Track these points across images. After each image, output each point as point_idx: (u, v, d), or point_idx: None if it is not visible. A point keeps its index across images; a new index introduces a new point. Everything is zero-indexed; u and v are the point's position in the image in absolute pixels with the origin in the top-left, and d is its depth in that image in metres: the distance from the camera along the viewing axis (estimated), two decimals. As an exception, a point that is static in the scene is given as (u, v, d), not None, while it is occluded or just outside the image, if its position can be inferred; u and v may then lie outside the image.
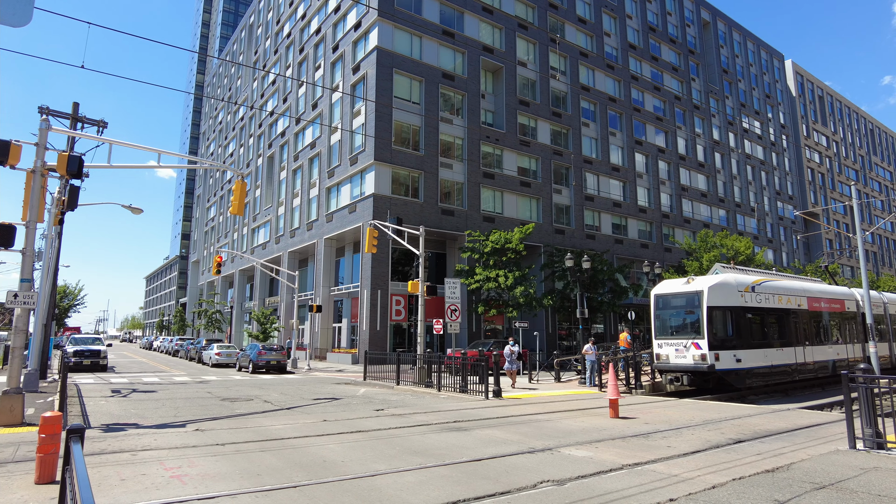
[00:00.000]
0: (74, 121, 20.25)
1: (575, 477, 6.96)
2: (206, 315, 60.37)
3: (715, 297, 18.08)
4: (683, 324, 18.79)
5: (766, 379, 19.10)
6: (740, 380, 18.03)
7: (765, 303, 19.61)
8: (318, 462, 7.76)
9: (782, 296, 20.63)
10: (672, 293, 19.49)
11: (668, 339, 18.94)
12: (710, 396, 17.71)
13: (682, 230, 52.81)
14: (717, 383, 18.34)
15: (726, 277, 18.88)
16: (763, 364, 18.84)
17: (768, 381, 19.31)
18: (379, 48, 35.67)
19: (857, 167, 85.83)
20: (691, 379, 18.42)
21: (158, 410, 13.41)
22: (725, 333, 18.20)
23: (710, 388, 18.48)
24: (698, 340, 17.84)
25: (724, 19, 66.34)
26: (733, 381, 18.03)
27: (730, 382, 18.05)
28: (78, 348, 28.79)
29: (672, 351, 18.59)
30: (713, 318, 17.96)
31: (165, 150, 15.13)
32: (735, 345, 18.01)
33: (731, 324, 18.31)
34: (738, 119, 63.83)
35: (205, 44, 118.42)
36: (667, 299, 19.62)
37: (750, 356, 18.29)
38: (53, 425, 6.42)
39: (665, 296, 19.71)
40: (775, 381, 19.68)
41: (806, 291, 22.23)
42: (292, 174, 47.54)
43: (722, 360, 17.59)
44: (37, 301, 15.42)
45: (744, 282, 19.21)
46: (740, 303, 18.51)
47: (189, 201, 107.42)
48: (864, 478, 6.81)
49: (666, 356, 18.87)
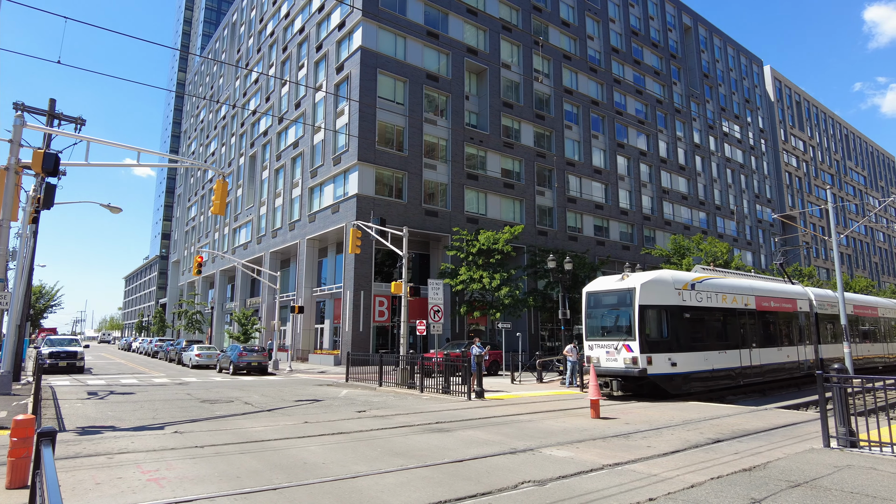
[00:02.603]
0: (51, 117, 19.85)
1: (556, 477, 6.99)
2: (186, 316, 59.58)
3: (648, 295, 16.54)
4: (615, 324, 17.30)
5: (707, 384, 17.52)
6: (676, 385, 16.43)
7: (706, 302, 18.12)
8: (298, 464, 7.70)
9: (727, 294, 19.15)
10: (604, 291, 17.93)
11: (599, 340, 17.45)
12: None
13: (664, 232, 53.41)
14: (652, 389, 16.87)
15: (661, 274, 17.50)
16: (703, 368, 17.33)
17: (710, 386, 17.67)
18: (363, 48, 35.54)
19: (832, 171, 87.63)
20: (621, 384, 16.90)
21: (136, 413, 13.20)
22: (660, 335, 16.74)
23: (644, 394, 17.14)
24: (629, 342, 16.34)
25: (705, 24, 67.30)
26: (668, 387, 16.46)
27: (664, 388, 16.51)
28: (54, 349, 28.18)
29: (603, 353, 17.09)
30: (646, 318, 16.49)
31: (145, 148, 14.92)
32: (671, 347, 16.51)
33: (667, 324, 16.78)
34: (718, 123, 64.78)
35: (187, 41, 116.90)
36: (598, 297, 18.07)
37: (688, 360, 16.85)
38: (25, 429, 6.27)
39: (596, 293, 18.15)
40: (719, 386, 18.14)
41: (754, 290, 20.70)
42: (275, 174, 47.14)
43: (655, 364, 16.05)
44: (10, 301, 15.10)
45: (682, 279, 17.77)
46: (677, 301, 17.00)
47: (169, 200, 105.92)
48: (837, 475, 6.94)
49: (597, 359, 17.26)
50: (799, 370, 21.86)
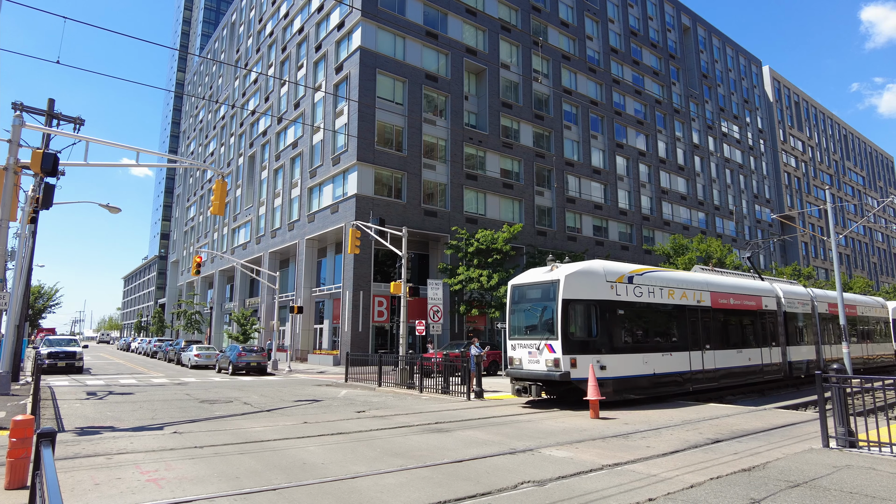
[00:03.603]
0: (50, 117, 19.84)
1: (555, 477, 6.99)
2: (185, 316, 59.54)
3: (574, 288, 14.52)
4: (539, 321, 15.19)
5: (647, 391, 15.52)
6: (606, 391, 14.26)
7: (648, 297, 16.10)
8: (297, 464, 7.70)
9: (674, 289, 17.12)
10: (528, 283, 15.94)
11: (522, 339, 15.43)
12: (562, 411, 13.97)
13: (663, 232, 53.44)
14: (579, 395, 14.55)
15: (591, 265, 15.44)
16: (642, 372, 15.31)
17: (651, 393, 15.65)
18: (362, 48, 35.53)
19: (831, 172, 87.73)
20: (540, 389, 14.89)
21: (135, 413, 13.19)
22: (587, 333, 14.66)
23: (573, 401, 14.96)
24: (552, 342, 14.31)
25: (704, 25, 67.35)
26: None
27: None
28: (52, 350, 28.15)
29: (525, 354, 15.06)
30: (570, 314, 14.38)
31: (144, 148, 14.91)
32: (600, 348, 14.47)
33: (597, 321, 14.65)
34: (717, 123, 64.83)
35: (186, 41, 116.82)
36: (523, 291, 16.01)
37: (621, 363, 14.86)
38: (24, 429, 6.27)
39: (521, 287, 16.11)
40: (662, 393, 16.04)
41: (709, 285, 18.69)
42: (274, 174, 47.11)
43: (580, 367, 13.99)
44: (9, 301, 15.08)
45: (616, 270, 15.67)
46: (610, 296, 14.97)
47: (168, 200, 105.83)
48: (836, 476, 6.95)
49: (519, 360, 15.25)
50: (762, 374, 19.91)
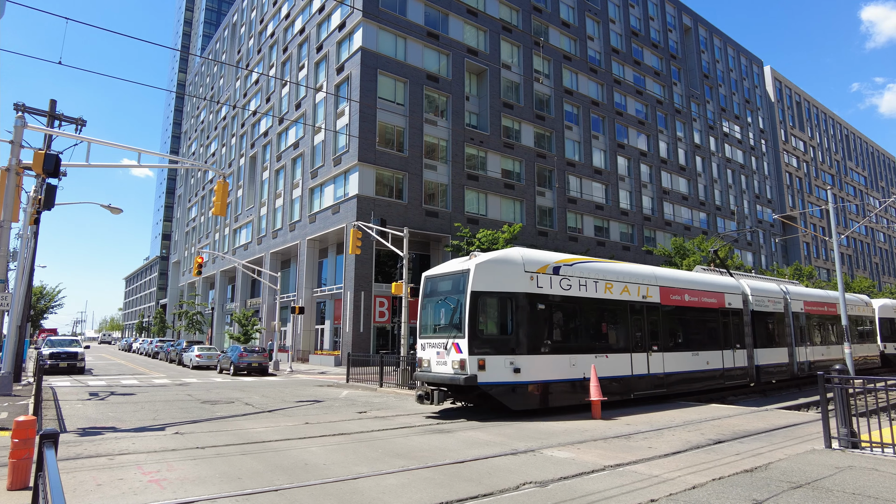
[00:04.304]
0: (52, 118, 19.87)
1: (557, 478, 6.99)
2: (186, 316, 59.59)
3: (485, 279, 12.82)
4: (449, 317, 13.48)
5: (577, 396, 13.42)
6: (521, 399, 12.54)
7: (578, 291, 14.12)
8: (299, 465, 7.70)
9: (612, 283, 15.05)
10: (440, 274, 14.22)
11: (431, 337, 13.69)
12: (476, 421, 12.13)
13: (664, 233, 53.40)
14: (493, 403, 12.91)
15: (508, 253, 13.63)
16: (568, 377, 13.34)
17: (579, 399, 13.42)
18: (363, 49, 35.55)
19: (832, 172, 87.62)
20: (444, 395, 13.05)
21: (137, 413, 13.20)
22: (500, 331, 12.92)
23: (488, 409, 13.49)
24: (458, 340, 12.63)
25: (705, 25, 67.31)
26: (509, 401, 12.48)
27: (504, 403, 12.53)
28: (54, 350, 28.20)
29: (434, 354, 13.33)
30: (480, 309, 12.73)
31: (146, 149, 14.94)
32: (515, 348, 12.65)
33: (512, 317, 12.87)
34: (718, 123, 64.78)
35: (187, 42, 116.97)
36: (434, 283, 14.28)
37: (542, 365, 12.97)
38: (27, 430, 6.27)
39: (433, 278, 14.39)
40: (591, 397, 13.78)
41: (658, 279, 16.62)
42: (275, 174, 47.15)
43: (490, 370, 12.30)
44: (11, 302, 15.10)
45: (539, 260, 13.70)
46: (529, 288, 13.07)
47: (170, 201, 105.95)
48: (839, 476, 6.94)
49: (427, 362, 13.56)
50: (723, 380, 18.02)
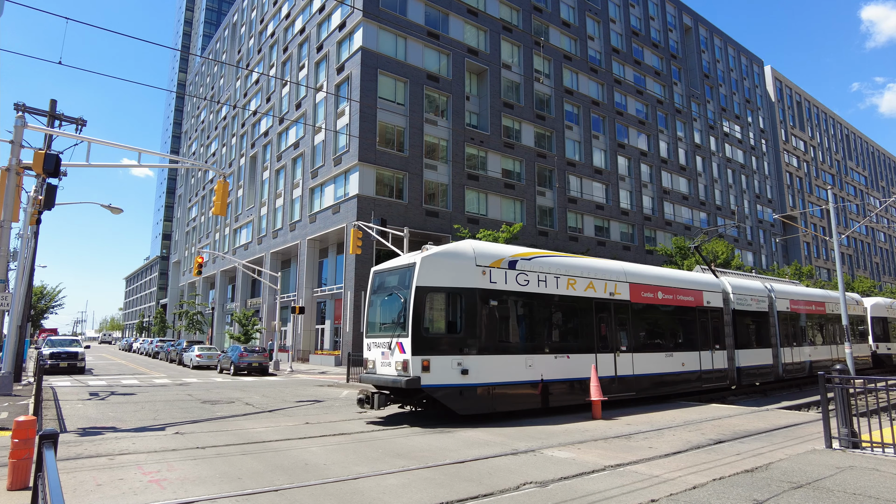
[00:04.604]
0: (52, 118, 19.88)
1: (558, 478, 6.98)
2: (187, 316, 59.60)
3: (432, 274, 11.94)
4: (395, 314, 12.52)
5: (530, 402, 12.64)
6: (469, 403, 11.67)
7: (537, 287, 13.21)
8: (300, 465, 7.69)
9: (576, 278, 14.07)
10: (387, 269, 13.29)
11: (377, 336, 12.82)
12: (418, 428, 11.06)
13: (664, 233, 53.39)
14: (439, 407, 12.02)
15: (459, 246, 12.71)
16: (523, 378, 12.50)
17: (536, 403, 12.75)
18: (363, 49, 35.55)
19: (833, 172, 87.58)
20: (385, 398, 12.18)
21: (137, 413, 13.20)
22: (447, 329, 12.05)
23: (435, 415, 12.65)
24: (402, 339, 11.80)
25: (706, 25, 67.28)
26: (456, 405, 11.60)
27: (450, 407, 11.64)
28: (54, 350, 28.21)
29: (379, 355, 12.53)
30: (425, 305, 11.83)
31: (146, 149, 14.94)
32: (463, 347, 11.82)
33: (462, 315, 11.99)
34: (718, 123, 64.75)
35: (187, 42, 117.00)
36: (382, 278, 13.31)
37: (493, 366, 12.07)
38: (27, 430, 6.27)
39: (380, 273, 13.45)
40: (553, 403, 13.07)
41: (629, 275, 15.68)
42: (275, 174, 47.15)
43: (435, 371, 11.46)
44: (11, 302, 15.10)
45: (493, 253, 12.82)
46: (481, 284, 12.24)
47: (170, 201, 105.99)
48: (839, 476, 6.93)
49: (373, 363, 12.74)
50: (701, 383, 17.18)
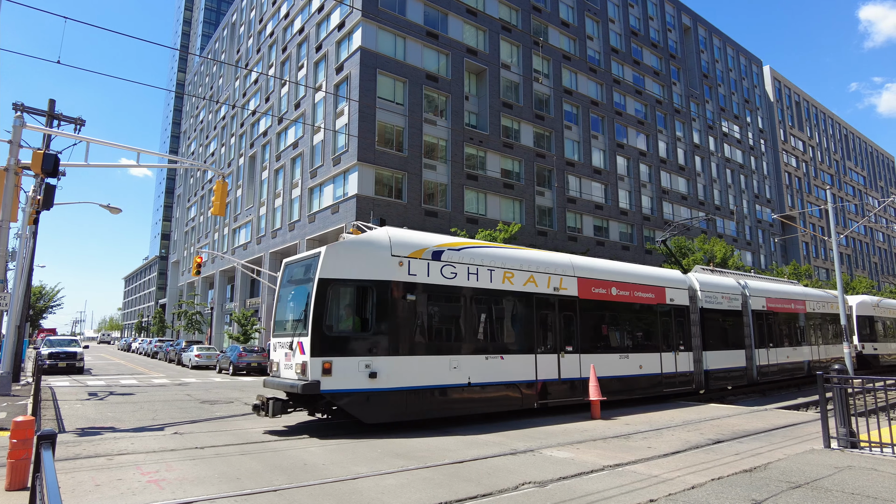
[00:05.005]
0: (50, 118, 19.86)
1: (556, 478, 6.98)
2: (185, 316, 59.56)
3: (338, 265, 10.60)
4: (299, 311, 11.15)
5: (455, 409, 11.33)
6: (376, 410, 10.34)
7: (466, 280, 11.77)
8: (298, 465, 7.69)
9: (514, 271, 12.60)
10: (296, 260, 12.06)
11: (282, 335, 11.44)
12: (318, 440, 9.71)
13: (663, 232, 53.32)
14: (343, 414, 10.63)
15: (372, 234, 11.38)
16: (447, 382, 11.18)
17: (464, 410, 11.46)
18: (363, 48, 35.54)
19: (832, 172, 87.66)
20: (283, 404, 10.59)
21: (136, 414, 13.19)
22: (354, 327, 10.68)
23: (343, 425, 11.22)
24: (303, 339, 10.40)
25: (705, 25, 67.32)
26: (362, 413, 10.27)
27: (355, 415, 10.31)
28: (53, 350, 28.17)
29: (282, 356, 11.14)
30: (329, 300, 10.41)
31: (145, 148, 14.93)
32: (373, 348, 10.49)
33: (372, 311, 10.66)
34: (717, 123, 64.80)
35: (186, 42, 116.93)
36: (291, 270, 12.10)
37: (409, 369, 10.74)
38: (25, 430, 6.27)
39: (290, 265, 12.24)
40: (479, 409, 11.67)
41: (577, 269, 14.17)
42: (274, 174, 47.13)
43: (338, 375, 10.09)
44: (10, 302, 15.09)
45: (414, 243, 11.45)
46: (397, 276, 10.87)
47: (169, 201, 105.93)
48: (838, 476, 6.94)
49: (277, 364, 11.36)
50: (662, 387, 15.82)
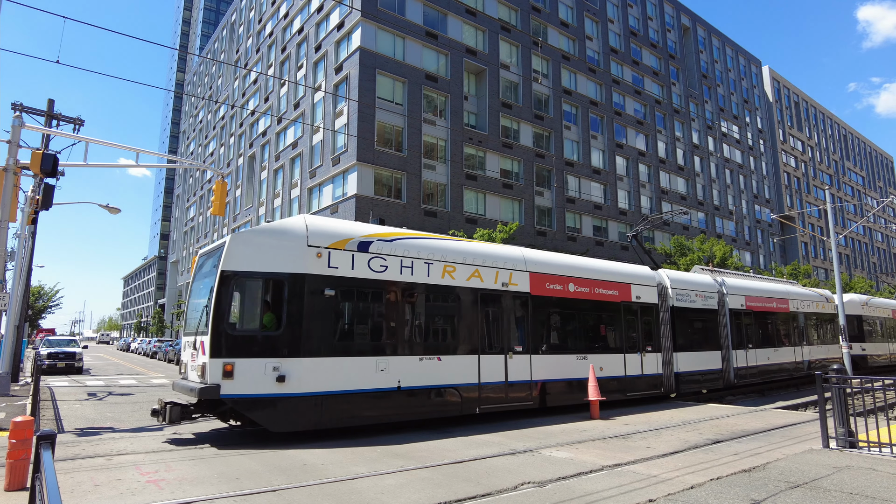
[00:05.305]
0: (49, 118, 19.84)
1: (555, 478, 6.99)
2: (185, 316, 59.46)
3: (245, 255, 9.49)
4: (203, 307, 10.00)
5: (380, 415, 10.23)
6: (285, 417, 9.23)
7: (400, 274, 10.69)
8: (297, 465, 7.69)
9: (455, 265, 11.48)
10: (208, 251, 10.87)
11: (190, 334, 10.32)
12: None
13: (662, 233, 53.45)
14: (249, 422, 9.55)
15: (286, 222, 10.17)
16: (373, 386, 10.09)
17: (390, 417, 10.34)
18: (362, 48, 35.54)
19: (830, 172, 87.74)
20: (182, 410, 9.50)
21: (135, 414, 13.18)
22: (262, 326, 9.55)
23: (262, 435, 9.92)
24: (204, 338, 9.33)
25: (704, 25, 67.36)
26: (268, 420, 9.18)
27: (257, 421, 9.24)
28: (52, 350, 28.13)
29: (189, 356, 10.17)
30: (231, 295, 9.39)
31: (144, 148, 14.92)
32: (284, 349, 9.33)
33: (284, 308, 9.52)
34: (716, 123, 64.85)
35: (185, 41, 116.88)
36: (201, 262, 10.97)
37: (325, 371, 9.57)
38: (24, 430, 6.26)
39: (202, 256, 11.11)
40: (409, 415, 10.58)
41: (528, 263, 12.94)
42: (273, 174, 47.13)
43: (241, 378, 8.99)
44: (9, 302, 15.08)
45: (336, 232, 10.24)
46: (314, 269, 9.68)
47: (168, 201, 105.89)
48: (836, 476, 6.95)
49: (185, 366, 10.41)
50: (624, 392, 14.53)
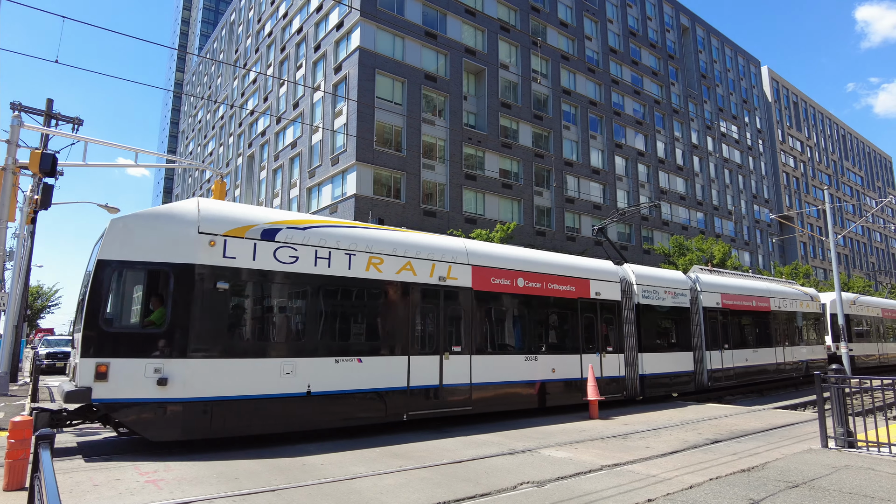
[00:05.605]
0: (48, 118, 19.84)
1: (555, 478, 6.99)
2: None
3: (125, 243, 8.52)
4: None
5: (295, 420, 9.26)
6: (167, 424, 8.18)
7: (314, 266, 9.71)
8: (296, 465, 7.69)
9: (382, 256, 10.52)
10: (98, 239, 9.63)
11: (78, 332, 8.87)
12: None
13: (661, 233, 53.47)
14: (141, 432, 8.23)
15: (174, 206, 9.11)
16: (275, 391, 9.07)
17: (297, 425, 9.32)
18: (361, 48, 35.53)
19: (829, 172, 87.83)
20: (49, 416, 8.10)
21: (134, 414, 13.14)
22: (144, 322, 8.55)
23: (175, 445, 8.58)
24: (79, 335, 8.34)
25: (703, 25, 67.40)
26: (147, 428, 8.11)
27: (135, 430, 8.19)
28: (51, 350, 28.12)
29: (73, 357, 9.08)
30: (108, 287, 8.34)
31: (143, 148, 14.92)
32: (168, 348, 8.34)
33: (169, 302, 8.48)
34: (716, 123, 64.89)
35: (184, 41, 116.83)
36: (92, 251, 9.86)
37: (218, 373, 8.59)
38: (23, 430, 6.26)
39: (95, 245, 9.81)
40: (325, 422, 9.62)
41: (471, 256, 12.01)
42: (272, 174, 47.10)
43: (116, 381, 7.97)
44: (7, 302, 15.07)
45: (236, 218, 9.20)
46: (206, 259, 8.67)
47: (167, 201, 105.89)
48: (835, 476, 6.96)
49: (72, 367, 9.03)
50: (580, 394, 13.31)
